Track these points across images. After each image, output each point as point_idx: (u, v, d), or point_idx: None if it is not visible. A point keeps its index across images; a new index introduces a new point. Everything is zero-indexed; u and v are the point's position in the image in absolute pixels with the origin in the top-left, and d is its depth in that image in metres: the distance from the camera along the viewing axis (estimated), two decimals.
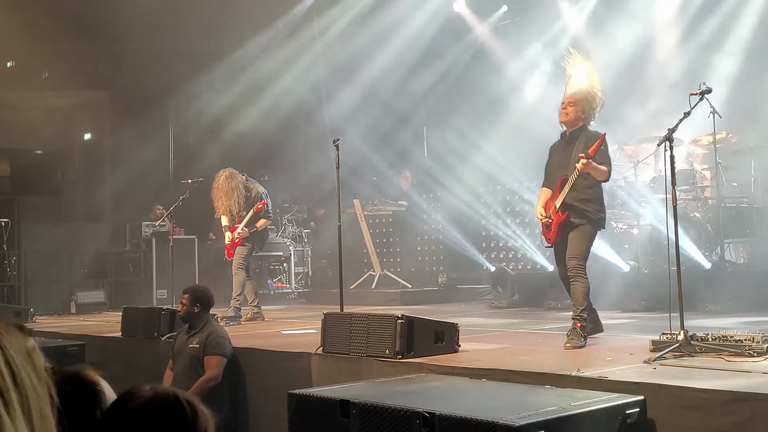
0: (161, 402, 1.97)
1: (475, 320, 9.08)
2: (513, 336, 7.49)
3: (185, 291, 7.18)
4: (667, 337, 5.36)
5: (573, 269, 6.42)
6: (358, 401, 4.04)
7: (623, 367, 4.87)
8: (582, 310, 6.29)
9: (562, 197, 6.48)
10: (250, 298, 9.97)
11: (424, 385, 4.81)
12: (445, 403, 3.93)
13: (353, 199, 13.73)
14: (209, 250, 14.85)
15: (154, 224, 13.61)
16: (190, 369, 6.80)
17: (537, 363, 5.24)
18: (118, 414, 1.99)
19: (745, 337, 5.07)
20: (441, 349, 5.84)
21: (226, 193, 9.85)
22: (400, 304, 11.64)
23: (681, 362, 4.95)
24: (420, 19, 15.12)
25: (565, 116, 6.64)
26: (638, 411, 3.86)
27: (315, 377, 6.10)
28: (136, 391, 2.03)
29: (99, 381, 2.35)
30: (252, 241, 9.99)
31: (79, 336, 8.84)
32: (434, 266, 13.88)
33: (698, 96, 5.90)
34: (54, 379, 1.56)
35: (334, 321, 6.23)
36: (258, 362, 6.82)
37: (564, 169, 6.54)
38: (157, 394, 2.00)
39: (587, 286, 6.41)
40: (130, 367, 7.88)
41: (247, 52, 15.78)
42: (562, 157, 6.65)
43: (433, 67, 15.73)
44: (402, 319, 5.68)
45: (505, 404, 3.94)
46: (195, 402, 2.00)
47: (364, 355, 5.83)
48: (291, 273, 15.30)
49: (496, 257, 12.81)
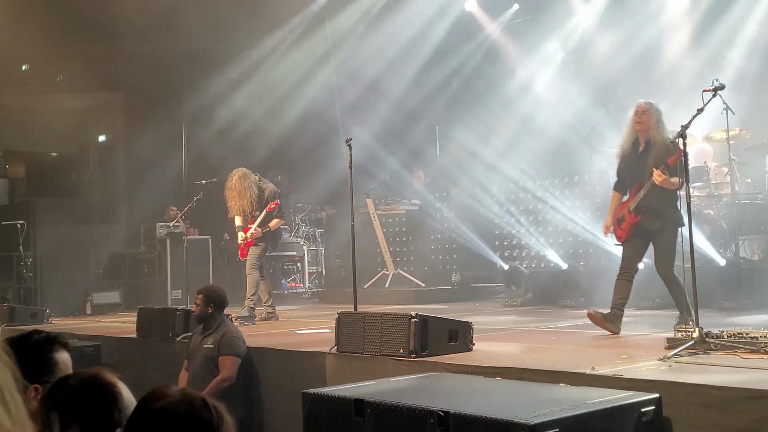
0: (190, 403, 1.99)
1: (489, 319, 9.07)
2: (527, 334, 7.49)
3: (199, 292, 7.23)
4: (682, 334, 5.34)
5: (667, 277, 6.79)
6: (373, 400, 4.04)
7: (638, 365, 4.86)
8: (687, 310, 6.53)
9: (636, 201, 6.83)
10: (264, 298, 9.99)
11: (439, 384, 4.82)
12: (460, 401, 3.93)
13: (366, 199, 13.74)
14: (224, 250, 14.90)
15: (169, 225, 13.67)
16: (204, 369, 6.83)
17: (551, 361, 5.24)
18: (146, 412, 2.01)
19: (761, 334, 5.05)
20: (455, 347, 5.84)
21: (239, 193, 9.87)
22: (414, 303, 11.64)
23: (696, 360, 4.93)
24: (432, 18, 15.13)
25: (639, 125, 6.91)
26: (653, 409, 3.84)
27: (329, 377, 6.11)
28: (165, 390, 2.05)
29: (116, 382, 2.37)
30: (265, 241, 10.01)
31: (95, 337, 8.90)
32: (448, 265, 13.86)
33: (711, 92, 5.88)
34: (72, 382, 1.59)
35: (348, 320, 6.24)
36: (272, 362, 6.85)
37: (639, 177, 6.88)
38: (187, 395, 2.02)
39: (683, 288, 6.69)
40: (146, 368, 7.92)
41: (259, 52, 15.82)
42: (637, 164, 6.96)
43: (446, 65, 15.73)
44: (416, 318, 5.69)
45: (520, 403, 3.93)
46: (221, 408, 2.02)
47: (378, 354, 5.84)
48: (305, 273, 15.33)
49: (510, 255, 12.79)
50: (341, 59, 16.29)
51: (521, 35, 14.58)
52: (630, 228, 6.92)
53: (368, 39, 15.62)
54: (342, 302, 10.78)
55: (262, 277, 10.04)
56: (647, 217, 6.80)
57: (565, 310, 9.98)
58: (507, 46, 14.98)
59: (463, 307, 11.16)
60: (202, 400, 2.02)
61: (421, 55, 15.47)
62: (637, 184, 6.88)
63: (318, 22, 16.22)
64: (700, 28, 12.15)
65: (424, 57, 15.50)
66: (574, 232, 11.44)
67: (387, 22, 15.34)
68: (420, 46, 15.37)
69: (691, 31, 12.27)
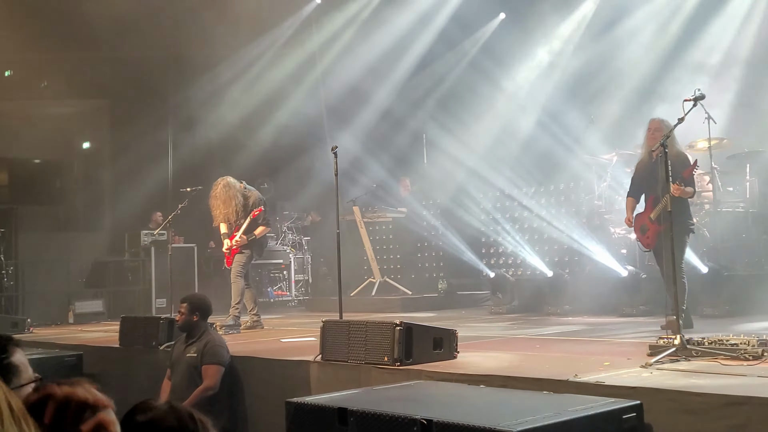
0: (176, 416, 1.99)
1: (474, 326, 9.09)
2: (512, 342, 7.51)
3: (183, 300, 7.18)
4: (664, 341, 5.38)
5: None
6: (356, 409, 4.05)
7: (620, 372, 4.89)
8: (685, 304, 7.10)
9: (656, 212, 7.45)
10: (249, 306, 9.96)
11: (423, 391, 4.83)
12: (443, 409, 3.95)
13: (353, 207, 13.75)
14: (209, 258, 14.85)
15: (153, 233, 13.61)
16: (188, 379, 6.80)
17: (535, 369, 5.26)
18: (131, 425, 2.01)
19: (741, 341, 5.10)
20: (440, 355, 5.86)
21: (224, 201, 9.84)
22: (401, 311, 11.65)
23: (677, 366, 4.97)
24: (418, 26, 15.19)
25: (653, 140, 7.46)
26: (635, 415, 3.87)
27: (314, 385, 6.11)
28: (151, 403, 2.04)
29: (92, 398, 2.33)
30: (251, 248, 9.98)
31: (77, 346, 8.84)
32: (434, 273, 13.88)
33: (692, 102, 5.94)
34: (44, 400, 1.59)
35: (333, 329, 6.24)
36: (257, 370, 6.83)
37: (653, 187, 7.53)
38: (173, 408, 2.02)
39: (685, 284, 7.23)
40: (129, 377, 7.87)
41: (245, 60, 15.83)
42: (651, 174, 7.57)
43: (433, 73, 15.78)
44: (400, 326, 5.69)
45: (503, 410, 3.95)
46: (206, 421, 2.02)
47: (362, 362, 5.85)
48: (291, 281, 15.31)
49: (496, 263, 12.82)
50: (328, 67, 16.32)
51: (508, 44, 14.65)
52: (655, 236, 7.56)
53: (355, 47, 15.67)
54: (328, 310, 10.78)
55: (248, 285, 10.01)
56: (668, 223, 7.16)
57: (551, 317, 10.03)
58: (493, 54, 15.04)
59: (450, 314, 11.19)
60: (189, 413, 2.02)
61: (407, 63, 15.53)
62: (653, 196, 7.55)
63: (305, 29, 16.26)
64: (683, 38, 12.27)
65: (411, 65, 15.57)
66: (559, 240, 11.49)
67: (373, 30, 15.40)
68: (407, 54, 15.44)
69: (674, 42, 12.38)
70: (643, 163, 7.75)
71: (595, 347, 6.56)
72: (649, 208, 7.64)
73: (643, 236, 7.78)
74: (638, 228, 7.83)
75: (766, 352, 5.01)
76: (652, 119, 7.64)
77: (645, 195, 7.80)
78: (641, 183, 7.81)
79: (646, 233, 7.69)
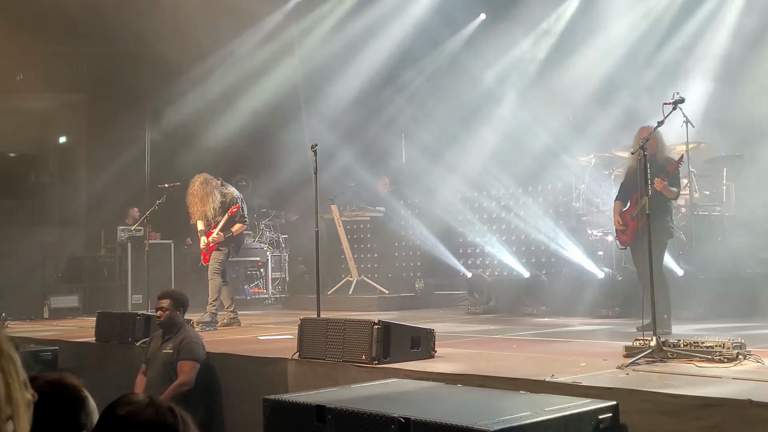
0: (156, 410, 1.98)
1: (451, 326, 9.11)
2: (489, 342, 7.53)
3: (165, 296, 7.08)
4: (640, 343, 5.42)
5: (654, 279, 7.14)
6: (334, 407, 4.04)
7: (597, 373, 4.92)
8: (668, 304, 7.27)
9: (638, 208, 7.44)
10: (226, 304, 9.93)
11: (400, 390, 4.83)
12: (421, 408, 3.95)
13: (331, 205, 13.73)
14: (186, 254, 14.78)
15: (130, 228, 13.52)
16: (163, 374, 6.76)
17: (512, 369, 5.28)
18: (112, 418, 2.00)
19: (716, 343, 5.15)
20: (417, 354, 5.87)
21: (201, 198, 9.80)
22: (378, 310, 11.65)
23: (653, 368, 5.01)
24: (398, 25, 15.19)
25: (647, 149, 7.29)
26: (611, 416, 3.90)
27: (291, 383, 6.09)
28: (131, 397, 2.04)
29: (82, 386, 2.35)
30: (228, 245, 9.95)
31: (53, 341, 8.76)
32: (412, 272, 13.90)
33: (671, 105, 5.99)
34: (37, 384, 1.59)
35: (311, 326, 6.23)
36: (234, 368, 6.80)
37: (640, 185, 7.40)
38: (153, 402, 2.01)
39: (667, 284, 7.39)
40: (104, 373, 7.82)
41: (224, 56, 15.75)
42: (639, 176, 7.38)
43: (412, 73, 15.79)
44: (378, 324, 5.70)
45: (480, 410, 3.96)
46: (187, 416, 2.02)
47: (340, 360, 5.84)
48: (268, 278, 15.27)
49: (473, 263, 12.87)
50: (307, 64, 16.29)
51: (487, 43, 14.70)
52: (633, 232, 7.67)
53: (335, 45, 15.65)
54: (305, 308, 10.77)
55: (225, 282, 9.98)
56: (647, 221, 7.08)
57: (527, 318, 10.08)
58: (473, 53, 15.08)
59: (427, 314, 11.20)
60: (169, 408, 2.02)
61: (388, 62, 15.51)
62: (636, 194, 7.53)
63: (284, 27, 16.21)
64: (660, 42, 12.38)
65: (392, 64, 15.54)
66: (536, 241, 11.55)
67: (353, 29, 15.39)
68: (387, 53, 15.42)
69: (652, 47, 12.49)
70: (633, 169, 7.69)
71: (571, 348, 6.59)
72: (632, 205, 7.74)
73: (622, 234, 7.88)
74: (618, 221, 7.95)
75: (741, 355, 5.07)
76: (643, 127, 7.54)
77: (630, 195, 7.90)
78: (630, 188, 7.84)
79: (626, 231, 7.80)
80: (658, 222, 7.18)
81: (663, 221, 7.43)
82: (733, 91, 11.18)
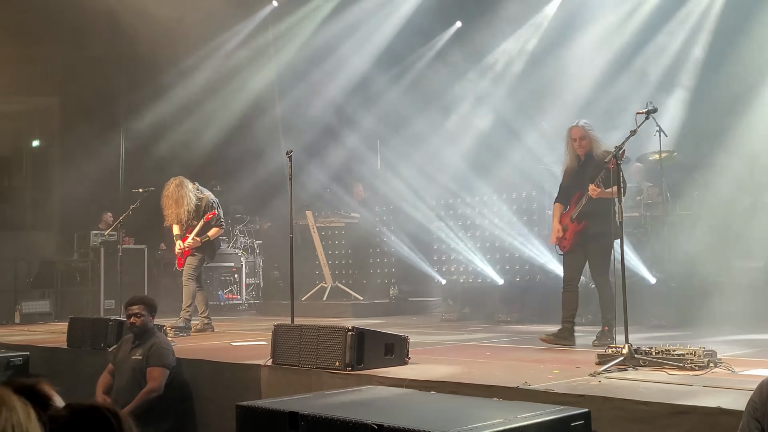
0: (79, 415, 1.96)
1: (425, 333, 9.13)
2: (462, 349, 7.56)
3: (138, 302, 6.97)
4: (613, 350, 5.46)
5: (602, 283, 7.21)
6: (307, 413, 4.03)
7: (569, 380, 4.95)
8: (613, 316, 6.92)
9: (578, 210, 7.27)
10: (200, 309, 9.87)
11: (374, 397, 4.83)
12: (394, 415, 3.95)
13: (306, 211, 13.70)
14: (159, 260, 14.67)
15: (103, 233, 13.41)
16: (132, 381, 6.68)
17: (485, 376, 5.30)
18: None
19: (687, 351, 5.20)
20: (391, 361, 5.87)
21: (175, 200, 9.76)
22: (352, 317, 11.65)
23: (625, 375, 5.06)
24: (374, 29, 15.22)
25: (581, 148, 7.34)
26: (583, 423, 3.92)
27: (264, 389, 6.07)
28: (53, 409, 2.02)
29: (53, 395, 2.31)
30: (203, 251, 9.90)
31: (23, 347, 8.65)
32: (386, 279, 13.90)
33: (644, 115, 6.05)
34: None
35: (285, 332, 6.21)
36: (207, 374, 6.77)
37: (580, 187, 7.32)
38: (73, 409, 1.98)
39: (614, 294, 6.97)
40: (76, 379, 7.73)
41: (199, 61, 15.68)
42: (578, 176, 7.38)
43: (387, 78, 15.80)
44: (352, 331, 5.70)
45: (453, 416, 3.97)
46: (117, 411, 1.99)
47: (314, 366, 5.84)
48: (242, 284, 15.21)
49: (447, 270, 12.87)
50: (283, 69, 16.27)
51: (463, 51, 14.76)
52: (573, 236, 7.33)
53: (310, 50, 15.66)
54: (279, 314, 10.71)
55: (199, 287, 9.92)
56: (589, 222, 7.18)
57: (501, 325, 10.12)
58: (448, 59, 15.13)
59: (401, 321, 11.21)
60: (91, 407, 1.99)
61: (363, 67, 15.52)
62: (577, 194, 7.31)
63: (260, 30, 16.18)
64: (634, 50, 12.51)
65: (367, 68, 15.54)
66: (510, 248, 11.59)
67: (329, 33, 15.40)
68: (362, 58, 15.43)
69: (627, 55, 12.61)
70: (571, 169, 7.50)
71: (544, 355, 6.63)
72: (573, 207, 7.40)
73: (562, 238, 7.47)
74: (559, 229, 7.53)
75: (712, 363, 5.13)
76: (574, 127, 7.35)
77: (570, 197, 7.53)
78: (570, 189, 7.52)
79: (565, 234, 7.42)
80: (601, 226, 7.05)
81: (606, 224, 6.99)
82: (706, 98, 11.30)
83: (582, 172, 7.32)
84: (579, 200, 7.28)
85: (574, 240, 7.34)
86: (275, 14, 16.10)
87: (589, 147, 7.25)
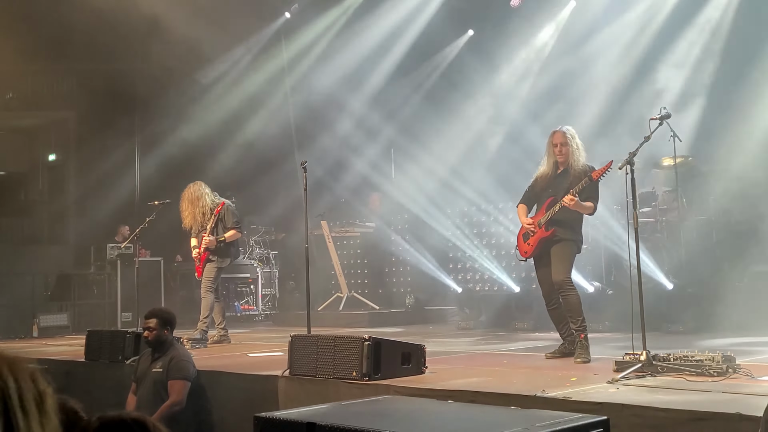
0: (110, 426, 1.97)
1: (442, 341, 9.11)
2: (480, 357, 7.53)
3: (151, 315, 6.99)
4: (630, 357, 5.43)
5: (562, 286, 6.83)
6: (325, 424, 4.02)
7: (587, 387, 4.93)
8: (582, 320, 6.71)
9: (548, 216, 6.95)
10: (217, 320, 9.89)
11: (391, 407, 4.81)
12: (412, 425, 3.94)
13: (321, 221, 13.73)
14: (176, 272, 14.73)
15: (120, 246, 13.47)
16: (153, 394, 6.71)
17: (503, 384, 5.28)
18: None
19: (706, 357, 5.17)
20: (408, 370, 5.86)
21: (191, 201, 9.80)
22: (368, 326, 11.64)
23: (643, 382, 5.03)
24: (388, 40, 15.23)
25: (561, 155, 7.07)
26: (602, 431, 3.90)
27: (281, 400, 6.07)
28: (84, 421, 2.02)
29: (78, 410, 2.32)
30: (221, 256, 9.84)
31: (42, 360, 8.68)
32: (402, 288, 13.90)
33: (658, 121, 6.03)
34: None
35: (301, 343, 6.22)
36: (224, 385, 6.78)
37: (553, 194, 7.02)
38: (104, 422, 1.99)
39: (579, 297, 6.85)
40: (94, 392, 7.76)
41: (214, 74, 15.76)
42: (554, 181, 7.11)
43: (404, 88, 15.81)
44: (369, 341, 5.70)
45: (471, 426, 3.96)
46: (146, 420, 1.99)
47: (330, 377, 5.83)
48: (258, 295, 15.23)
49: (463, 278, 12.87)
50: (297, 81, 16.32)
51: (476, 60, 14.75)
52: (538, 243, 7.02)
53: (323, 63, 15.71)
54: (295, 325, 10.74)
55: (218, 299, 9.93)
56: (557, 231, 6.92)
57: (518, 332, 10.08)
58: (463, 69, 15.13)
59: (417, 330, 11.19)
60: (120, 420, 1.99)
61: (378, 78, 15.54)
62: (549, 200, 7.05)
63: (274, 43, 16.26)
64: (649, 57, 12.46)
65: (382, 79, 15.56)
66: None
67: (343, 45, 15.43)
68: (377, 69, 15.45)
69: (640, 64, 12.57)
70: (545, 176, 7.20)
71: (561, 363, 6.60)
72: (542, 211, 7.11)
73: (524, 243, 7.19)
74: (521, 234, 7.27)
75: (731, 369, 5.09)
76: (556, 132, 7.11)
77: (540, 201, 7.24)
78: (542, 194, 7.19)
79: (528, 240, 7.12)
80: (568, 234, 6.89)
81: (574, 234, 6.94)
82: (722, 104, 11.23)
83: (558, 181, 7.05)
84: (551, 206, 6.98)
85: (539, 247, 7.04)
86: (288, 25, 16.16)
87: (568, 154, 6.98)
